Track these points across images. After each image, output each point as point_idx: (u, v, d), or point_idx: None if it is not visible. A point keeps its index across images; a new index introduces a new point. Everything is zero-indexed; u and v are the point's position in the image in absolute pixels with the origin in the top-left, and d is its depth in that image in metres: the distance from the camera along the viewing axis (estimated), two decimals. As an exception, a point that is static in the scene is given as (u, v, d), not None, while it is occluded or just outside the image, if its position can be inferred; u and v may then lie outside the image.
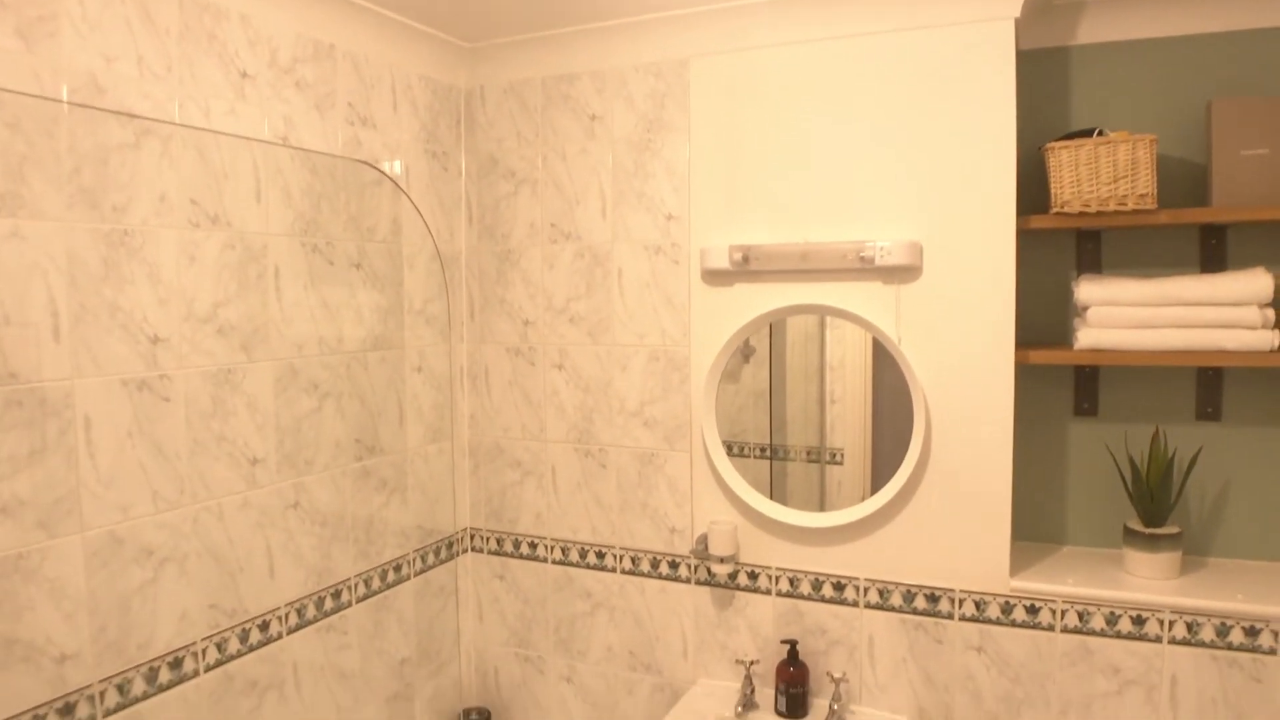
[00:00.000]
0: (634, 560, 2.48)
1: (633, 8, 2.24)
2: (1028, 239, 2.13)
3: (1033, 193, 2.08)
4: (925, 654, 2.17)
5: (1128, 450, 2.12)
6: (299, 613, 2.08)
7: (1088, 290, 2.01)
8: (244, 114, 1.91)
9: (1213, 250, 2.07)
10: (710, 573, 2.38)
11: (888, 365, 2.18)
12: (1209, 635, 1.93)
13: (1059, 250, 2.19)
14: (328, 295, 2.15)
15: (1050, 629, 2.06)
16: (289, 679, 2.06)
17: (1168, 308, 1.94)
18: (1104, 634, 2.01)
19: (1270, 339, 1.87)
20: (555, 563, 2.60)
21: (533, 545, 2.62)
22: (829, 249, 2.13)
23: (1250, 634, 1.90)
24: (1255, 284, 1.88)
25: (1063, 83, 2.17)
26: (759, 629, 2.34)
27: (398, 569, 2.41)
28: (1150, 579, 2.03)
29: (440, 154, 2.53)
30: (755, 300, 2.25)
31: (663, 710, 2.43)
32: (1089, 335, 2.00)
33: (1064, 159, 1.97)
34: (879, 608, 2.21)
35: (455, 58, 2.55)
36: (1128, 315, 1.97)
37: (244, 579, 1.94)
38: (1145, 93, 2.10)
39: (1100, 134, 1.97)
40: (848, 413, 2.31)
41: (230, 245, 1.88)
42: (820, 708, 2.22)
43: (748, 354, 2.37)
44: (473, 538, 2.72)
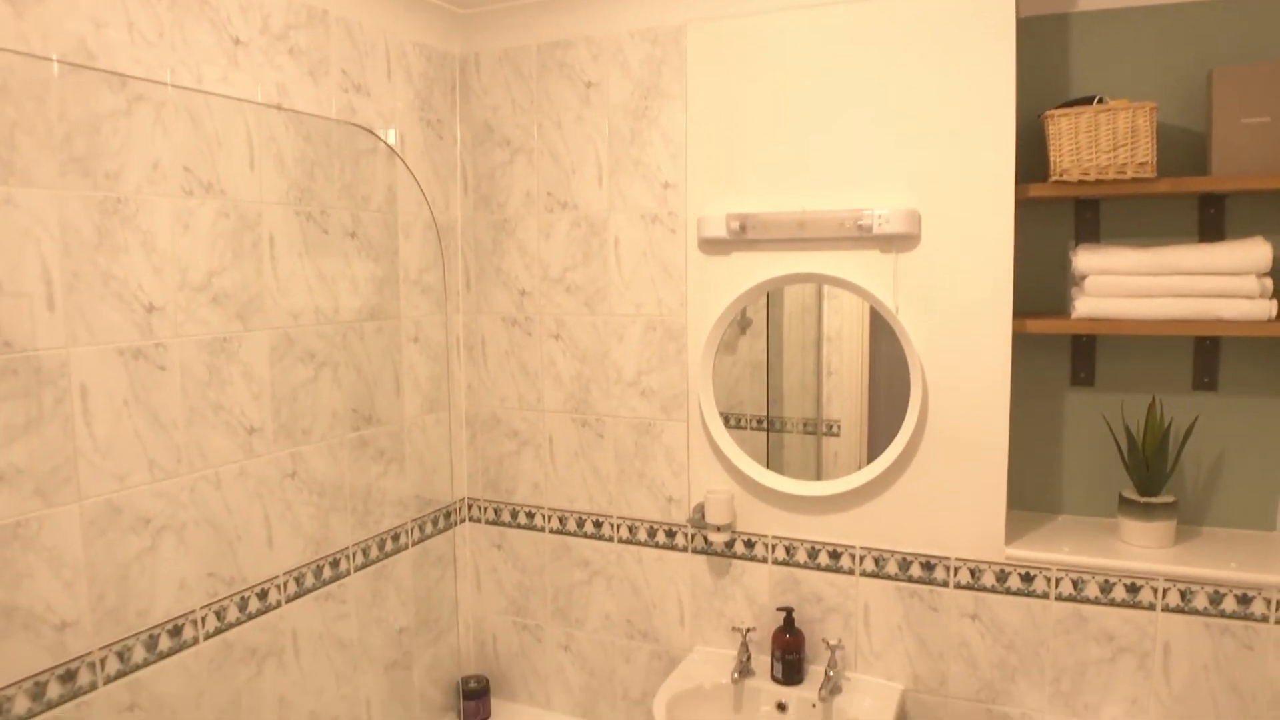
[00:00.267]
0: (631, 529, 2.49)
1: (629, -27, 2.22)
2: (1026, 208, 2.12)
3: (1032, 161, 2.06)
4: (920, 621, 2.19)
5: (1124, 420, 2.13)
6: (297, 581, 2.09)
7: (1085, 259, 2.00)
8: (237, 81, 1.89)
9: (1211, 219, 2.06)
10: (707, 541, 2.39)
11: (885, 337, 2.17)
12: (1202, 603, 1.95)
13: (1057, 219, 2.18)
14: (323, 264, 2.14)
15: (1045, 597, 2.07)
16: (288, 647, 2.07)
17: (1165, 277, 1.94)
18: (1098, 602, 2.03)
19: (1268, 308, 1.87)
20: (553, 532, 2.61)
21: (530, 515, 2.63)
22: (827, 217, 2.12)
23: (1243, 602, 1.92)
24: (1253, 253, 1.87)
25: (1062, 50, 2.15)
26: (755, 597, 2.36)
27: (396, 538, 2.42)
28: (1145, 547, 2.04)
29: (435, 122, 2.51)
30: (752, 269, 2.25)
31: (660, 677, 2.45)
32: (1086, 304, 1.99)
33: (1063, 127, 1.95)
34: (874, 576, 2.22)
35: (449, 24, 2.52)
36: (1125, 284, 1.96)
37: (242, 548, 1.94)
38: (1146, 60, 2.08)
39: (1100, 102, 1.95)
40: (844, 384, 2.31)
41: (224, 213, 1.87)
42: (816, 674, 2.24)
43: (745, 326, 2.36)
44: (470, 507, 2.72)
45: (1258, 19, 1.99)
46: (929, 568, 2.16)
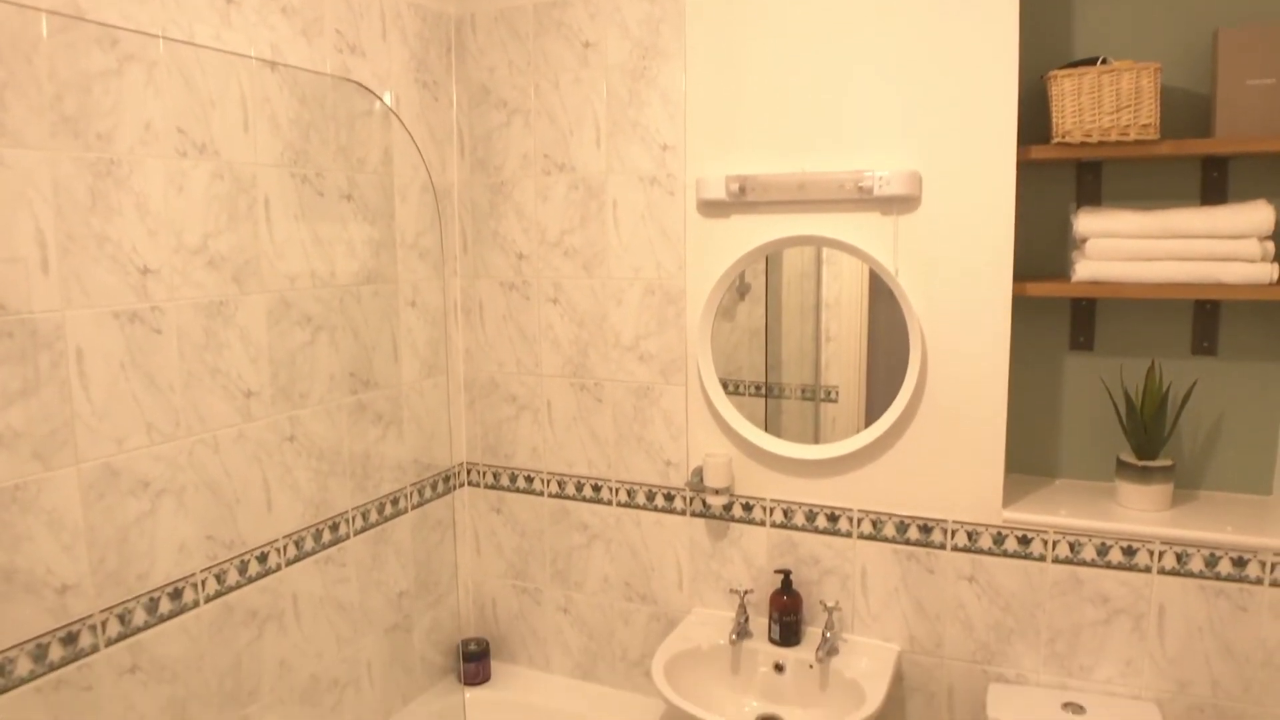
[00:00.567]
0: (630, 493, 2.50)
1: (628, -70, 2.18)
2: (1027, 170, 2.10)
3: (1034, 123, 2.04)
4: (917, 584, 2.20)
5: (1123, 384, 2.13)
6: (297, 545, 2.10)
7: (1086, 222, 1.99)
8: (229, 41, 1.86)
9: (1214, 182, 2.04)
10: (705, 505, 2.40)
11: (884, 303, 2.16)
12: (1198, 565, 1.96)
13: (1059, 182, 2.16)
14: (319, 227, 2.12)
15: (1041, 559, 2.08)
16: (288, 610, 2.08)
17: (1167, 240, 1.92)
18: (1094, 564, 2.04)
19: (1269, 272, 1.86)
20: (552, 496, 2.61)
21: (529, 479, 2.64)
22: (827, 179, 2.10)
23: (1238, 564, 1.93)
24: (1256, 216, 1.86)
25: (1066, 10, 2.12)
26: (753, 559, 2.37)
27: (395, 502, 2.42)
28: (1142, 511, 2.05)
29: (431, 84, 2.48)
30: (752, 232, 2.23)
31: (658, 639, 2.47)
32: (1087, 267, 1.98)
33: (1066, 88, 1.93)
34: (872, 538, 2.23)
35: (445, -17, 2.49)
36: (1126, 247, 1.95)
37: (241, 511, 1.95)
38: (1150, 21, 2.05)
39: (1104, 63, 1.93)
40: (843, 351, 2.30)
41: (219, 175, 1.85)
42: (813, 636, 2.26)
43: (743, 291, 2.35)
44: (469, 472, 2.73)
45: (1265, -23, 1.97)
46: (926, 530, 2.17)
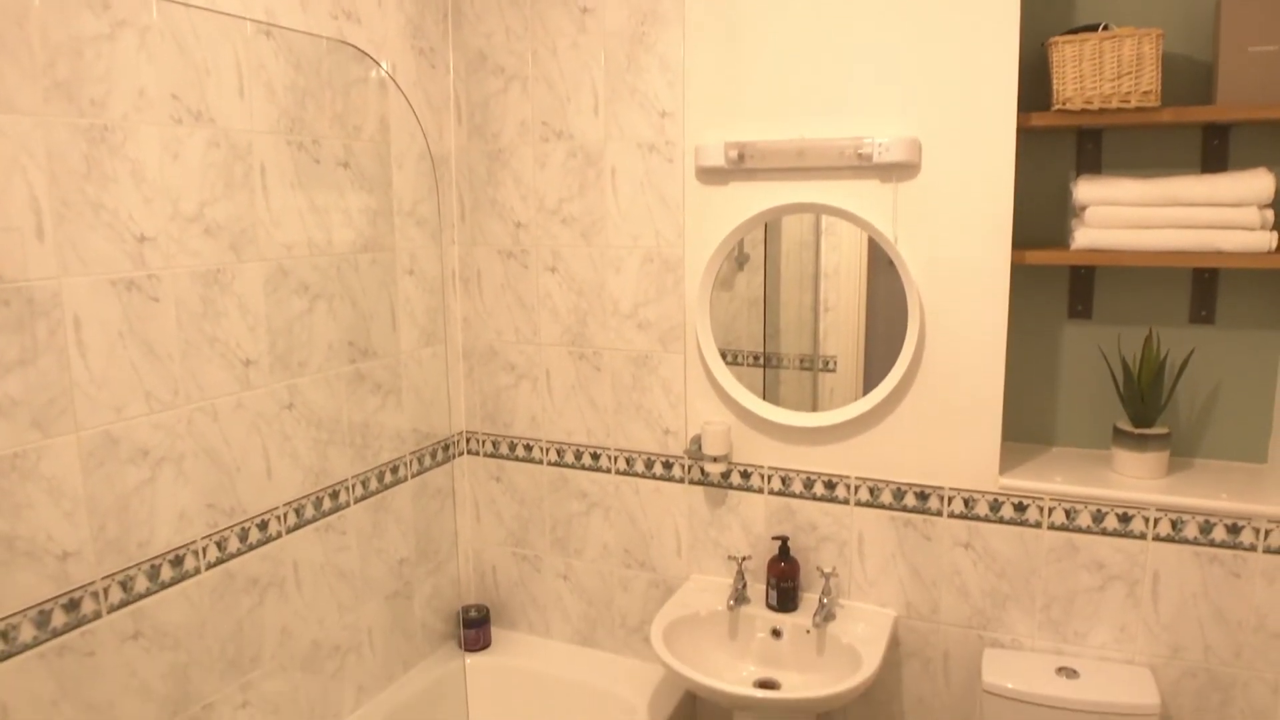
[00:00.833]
0: (629, 461, 2.51)
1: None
2: (1027, 138, 2.09)
3: (1034, 90, 2.03)
4: (914, 550, 2.22)
5: (1120, 352, 2.13)
6: (297, 513, 2.11)
7: (1086, 190, 1.98)
8: (223, 5, 1.84)
9: (1215, 150, 2.03)
10: (704, 472, 2.41)
11: (883, 272, 2.16)
12: (1192, 532, 1.97)
13: (1059, 150, 2.15)
14: (315, 196, 2.11)
15: (1037, 526, 2.10)
16: (289, 577, 2.10)
17: (1166, 208, 1.92)
18: (1090, 531, 2.05)
19: (1268, 240, 1.86)
20: (551, 464, 2.62)
21: (528, 447, 2.65)
22: (826, 145, 2.09)
23: (1232, 531, 1.94)
24: (1256, 184, 1.85)
25: (1070, -26, 2.10)
26: (751, 526, 2.38)
27: (395, 470, 2.43)
28: (1138, 478, 2.06)
29: (427, 50, 2.46)
30: (751, 200, 2.22)
31: (657, 605, 2.49)
32: (1086, 235, 1.98)
33: (1067, 54, 1.92)
34: (869, 505, 2.24)
35: (441, -53, 2.46)
36: (1126, 215, 1.94)
37: (241, 479, 1.95)
38: (1154, -15, 2.04)
39: (1105, 29, 1.91)
40: (841, 321, 2.30)
41: (215, 143, 1.84)
42: (810, 601, 2.28)
43: (742, 261, 2.35)
44: (469, 440, 2.74)
45: (1270, -59, 1.94)
46: (923, 497, 2.18)
